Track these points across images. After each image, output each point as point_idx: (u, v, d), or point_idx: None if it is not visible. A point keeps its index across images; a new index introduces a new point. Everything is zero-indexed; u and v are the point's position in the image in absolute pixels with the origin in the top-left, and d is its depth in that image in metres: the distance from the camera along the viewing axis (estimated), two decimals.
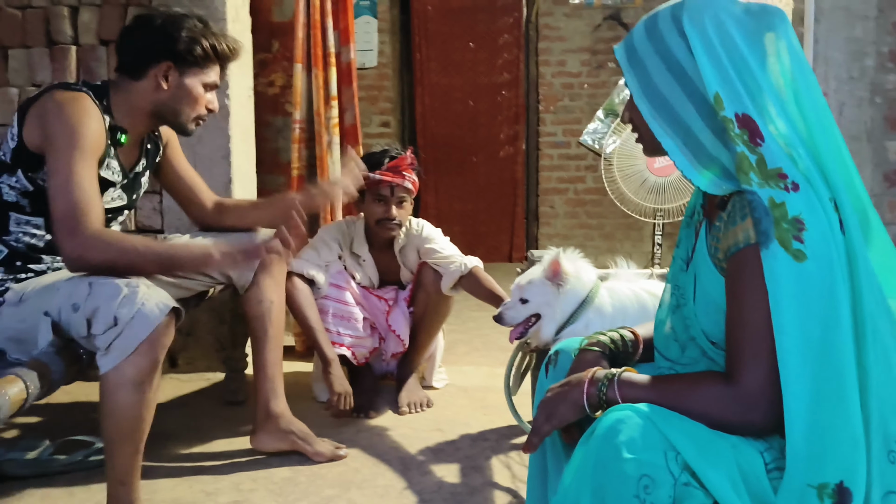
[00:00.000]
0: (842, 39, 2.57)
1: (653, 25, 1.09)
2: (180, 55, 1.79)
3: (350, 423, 2.39)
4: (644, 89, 1.10)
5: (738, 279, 1.05)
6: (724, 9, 1.05)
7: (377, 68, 5.74)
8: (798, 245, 0.98)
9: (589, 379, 1.13)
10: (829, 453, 0.96)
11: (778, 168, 1.01)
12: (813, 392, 0.97)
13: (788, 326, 0.98)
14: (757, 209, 1.01)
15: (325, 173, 2.97)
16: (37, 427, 2.36)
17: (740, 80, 1.02)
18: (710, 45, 1.03)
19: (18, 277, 1.73)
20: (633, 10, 5.53)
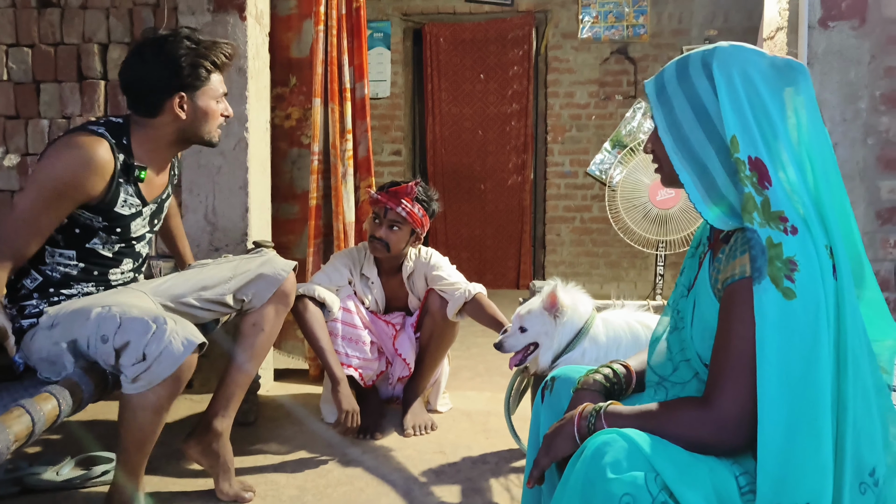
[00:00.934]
0: (835, 83, 2.68)
1: (684, 67, 1.18)
2: (188, 84, 1.87)
3: (356, 444, 2.49)
4: (669, 125, 1.19)
5: (729, 308, 1.13)
6: (752, 61, 1.14)
7: (390, 98, 5.91)
8: (788, 284, 1.06)
9: (579, 414, 1.22)
10: (798, 479, 1.04)
11: (780, 211, 1.08)
12: (787, 421, 1.05)
13: (770, 357, 1.06)
14: (755, 246, 1.09)
15: (340, 203, 3.09)
16: (58, 443, 2.47)
17: (758, 127, 1.11)
18: (735, 92, 1.11)
19: (52, 301, 1.84)
20: (639, 45, 5.68)
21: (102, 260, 1.90)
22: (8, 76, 2.91)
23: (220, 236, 2.86)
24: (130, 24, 2.89)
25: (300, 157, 3.35)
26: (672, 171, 1.21)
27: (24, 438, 1.37)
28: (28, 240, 1.72)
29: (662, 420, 1.15)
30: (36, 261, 1.84)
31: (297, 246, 3.33)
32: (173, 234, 2.33)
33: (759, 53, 1.15)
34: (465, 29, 5.95)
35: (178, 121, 1.89)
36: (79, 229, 1.84)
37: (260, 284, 2.08)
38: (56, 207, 1.74)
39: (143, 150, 1.89)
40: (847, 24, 2.65)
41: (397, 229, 2.63)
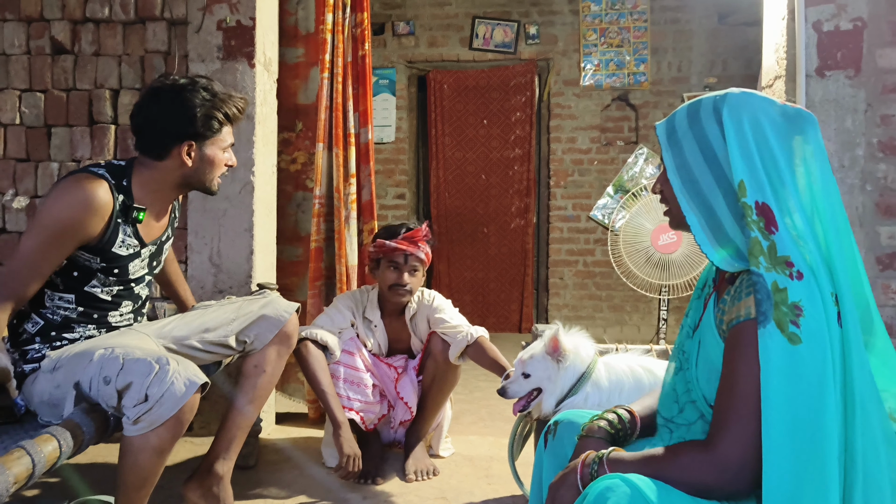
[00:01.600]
0: (833, 130, 2.72)
1: (695, 111, 1.20)
2: (199, 133, 1.91)
3: (357, 489, 2.47)
4: (678, 167, 1.21)
5: (734, 349, 1.14)
6: (762, 109, 1.15)
7: (395, 143, 5.99)
8: (794, 329, 1.06)
9: (581, 462, 1.23)
10: None
11: (787, 256, 1.09)
12: (793, 469, 1.04)
13: (775, 403, 1.05)
14: (760, 290, 1.09)
15: (343, 246, 3.11)
16: (56, 486, 2.44)
17: (765, 173, 1.12)
18: (744, 138, 1.13)
19: (54, 345, 1.85)
20: (640, 92, 5.77)
21: (101, 303, 1.92)
22: (20, 120, 2.97)
23: (224, 278, 2.88)
24: (142, 71, 2.95)
25: (305, 200, 3.39)
26: (680, 212, 1.22)
27: (24, 480, 1.37)
28: (28, 281, 1.74)
29: (665, 464, 1.15)
30: (36, 304, 1.86)
31: (300, 288, 3.35)
32: (171, 279, 2.34)
33: (769, 101, 1.17)
34: (468, 76, 6.06)
35: (183, 167, 1.92)
36: (77, 272, 1.85)
37: (262, 326, 2.09)
38: (57, 248, 1.76)
39: (144, 192, 1.92)
40: (843, 74, 2.70)
41: (418, 273, 2.67)
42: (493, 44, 5.92)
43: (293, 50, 3.36)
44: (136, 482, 1.69)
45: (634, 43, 5.78)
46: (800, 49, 2.71)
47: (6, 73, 2.98)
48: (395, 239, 2.62)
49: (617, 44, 5.79)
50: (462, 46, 5.96)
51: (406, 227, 2.66)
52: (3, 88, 2.98)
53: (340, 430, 2.42)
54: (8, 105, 2.96)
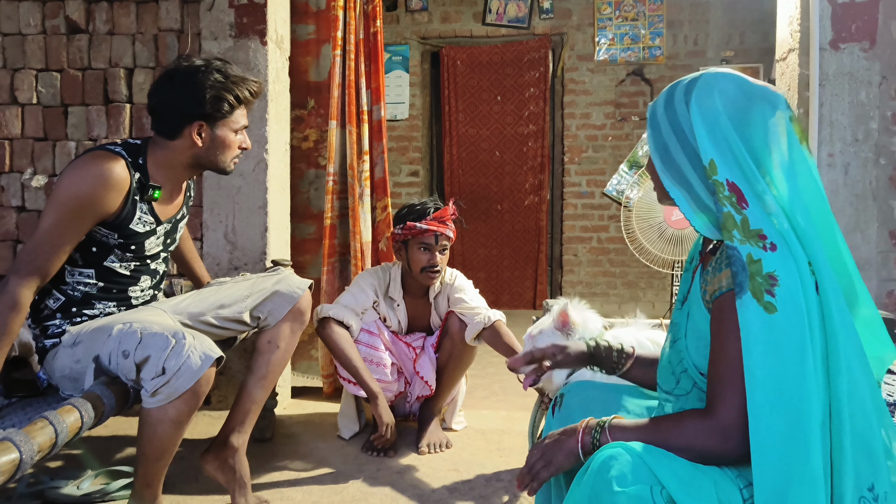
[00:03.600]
0: (846, 104, 2.70)
1: (670, 95, 1.25)
2: (209, 114, 1.93)
3: (372, 461, 2.52)
4: (657, 147, 1.25)
5: (719, 320, 1.18)
6: (730, 89, 1.19)
7: (408, 120, 5.98)
8: (769, 298, 1.10)
9: (583, 428, 1.25)
10: (789, 492, 1.06)
11: (759, 229, 1.13)
12: (777, 433, 1.07)
13: (757, 370, 1.09)
14: (735, 262, 1.13)
15: (357, 223, 3.14)
16: (78, 458, 2.51)
17: (733, 152, 1.16)
18: (712, 119, 1.17)
19: (74, 321, 1.90)
20: (655, 67, 5.72)
21: (120, 278, 1.96)
22: (37, 99, 3.01)
23: (239, 255, 2.92)
24: (155, 49, 2.98)
25: (317, 177, 3.41)
26: (662, 188, 1.27)
27: (47, 449, 1.42)
28: (51, 257, 1.78)
29: (667, 432, 1.17)
30: (57, 281, 1.90)
31: (314, 265, 3.38)
32: (186, 257, 2.38)
33: (738, 81, 1.20)
34: (482, 52, 6.03)
35: (194, 147, 1.95)
36: (95, 247, 1.90)
37: (276, 302, 2.12)
38: (76, 223, 1.79)
39: (159, 171, 1.95)
40: (857, 46, 2.67)
41: (446, 252, 2.70)
42: (507, 18, 5.88)
43: (304, 27, 3.37)
44: (155, 453, 1.74)
45: (650, 16, 5.72)
46: (814, 21, 2.68)
47: (22, 53, 3.01)
48: (424, 220, 2.62)
49: (632, 17, 5.73)
50: (475, 22, 5.93)
51: (434, 207, 2.67)
52: (19, 68, 3.02)
53: (378, 400, 2.52)
54: (25, 85, 3.00)
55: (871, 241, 2.70)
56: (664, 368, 1.36)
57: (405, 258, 2.70)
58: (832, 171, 2.70)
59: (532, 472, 1.27)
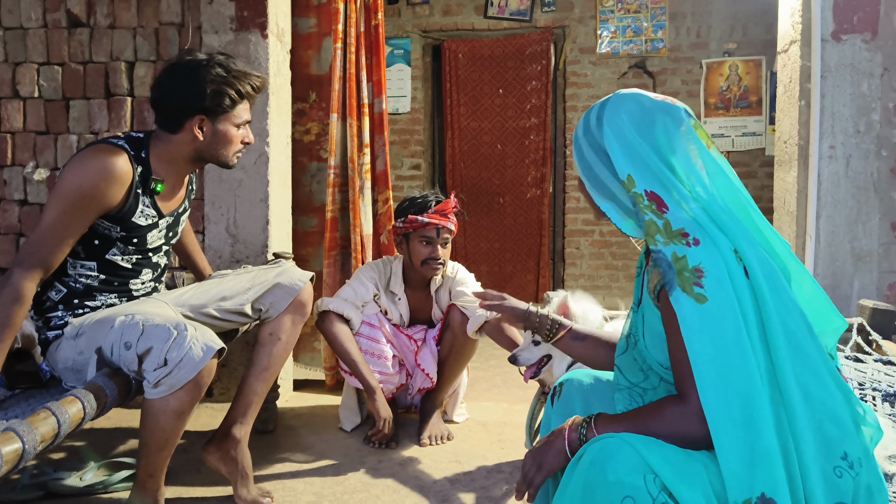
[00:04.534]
0: (848, 95, 2.69)
1: (587, 120, 1.34)
2: (210, 108, 1.93)
3: (374, 453, 2.53)
4: (583, 168, 1.34)
5: (665, 315, 1.24)
6: (633, 108, 1.28)
7: (410, 113, 5.97)
8: (699, 290, 1.16)
9: (569, 427, 1.30)
10: (748, 471, 1.09)
11: (681, 229, 1.20)
12: (727, 415, 1.12)
13: (699, 358, 1.15)
14: (661, 263, 1.20)
15: (358, 216, 3.15)
16: (81, 450, 2.53)
17: (649, 162, 1.24)
18: (623, 137, 1.27)
19: (76, 313, 1.91)
20: (657, 59, 5.70)
21: (122, 271, 1.97)
22: (39, 93, 3.02)
23: (241, 248, 2.93)
24: (156, 43, 2.98)
25: (319, 170, 3.42)
26: (594, 205, 1.36)
27: (50, 439, 1.43)
28: (53, 249, 1.78)
29: (650, 420, 1.22)
30: (59, 273, 1.91)
31: (316, 258, 3.39)
32: (188, 250, 2.39)
33: (638, 101, 1.29)
34: (483, 45, 6.02)
35: (196, 141, 1.95)
36: (98, 240, 1.90)
37: (277, 294, 2.13)
38: (79, 216, 1.80)
39: (161, 164, 1.96)
40: (859, 37, 2.66)
41: (448, 245, 2.70)
42: (509, 11, 5.86)
43: (305, 20, 3.36)
44: (158, 443, 1.76)
45: (652, 8, 5.70)
46: (815, 13, 2.68)
47: (24, 47, 3.02)
48: (426, 213, 2.62)
49: (634, 9, 5.71)
50: (477, 15, 5.91)
51: (436, 200, 2.67)
52: (21, 62, 3.02)
53: (376, 395, 2.53)
54: (26, 78, 3.01)
55: (873, 232, 2.70)
56: (630, 363, 1.39)
57: (407, 251, 2.70)
58: (833, 163, 2.70)
59: (527, 480, 1.31)
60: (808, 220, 2.73)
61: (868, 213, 2.70)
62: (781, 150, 2.99)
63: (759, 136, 5.59)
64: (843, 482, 1.11)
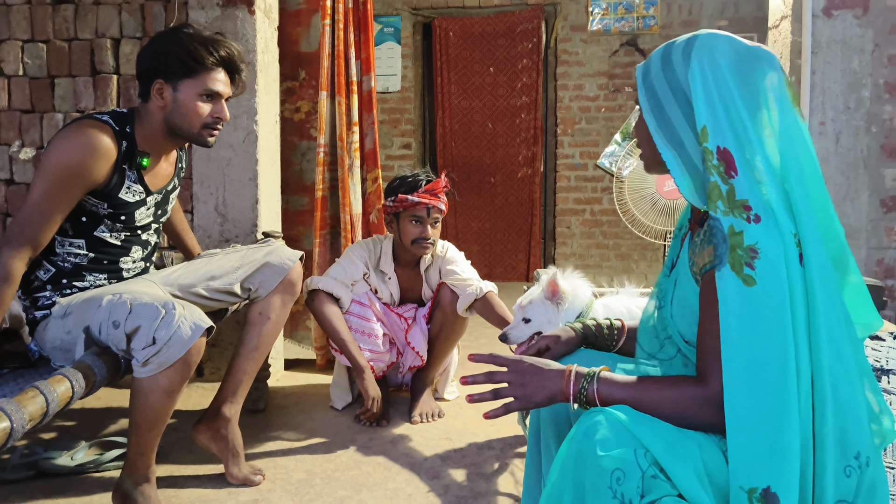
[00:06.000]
0: (839, 71, 2.69)
1: (668, 54, 1.22)
2: (166, 70, 1.90)
3: (364, 431, 2.53)
4: (652, 107, 1.22)
5: (705, 295, 1.17)
6: (725, 51, 1.16)
7: (400, 92, 5.94)
8: (749, 271, 1.08)
9: (572, 376, 1.24)
10: (760, 461, 1.07)
11: (745, 200, 1.10)
12: (752, 407, 1.07)
13: (734, 343, 1.08)
14: (717, 235, 1.12)
15: (347, 194, 3.13)
16: (72, 430, 2.53)
17: (727, 117, 1.13)
18: (707, 83, 1.15)
19: (64, 293, 1.90)
20: (649, 37, 5.67)
21: (111, 248, 1.95)
22: (24, 71, 2.98)
23: (230, 227, 2.92)
24: (142, 20, 2.94)
25: (310, 149, 3.40)
26: (654, 152, 1.24)
27: (38, 418, 1.42)
28: (41, 227, 1.77)
29: (659, 394, 1.17)
30: (48, 252, 1.89)
31: (307, 237, 3.38)
32: (177, 229, 2.37)
33: (732, 42, 1.18)
34: (474, 23, 5.97)
35: (163, 109, 1.93)
36: (85, 217, 1.89)
37: (266, 273, 2.12)
38: (65, 193, 1.78)
39: (144, 138, 1.94)
40: (850, 13, 2.65)
41: (438, 224, 2.68)
42: None
43: None
44: (148, 422, 1.75)
45: None
46: None
47: (7, 24, 2.97)
48: (416, 192, 2.61)
49: None
50: None
51: (426, 179, 2.66)
52: (5, 39, 2.98)
53: (364, 374, 2.53)
54: (11, 56, 2.97)
55: (862, 209, 2.71)
56: (647, 332, 1.37)
57: (397, 230, 2.69)
58: (824, 139, 2.70)
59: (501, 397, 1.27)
60: None
61: (857, 189, 2.70)
62: None
63: None
64: (850, 481, 1.10)
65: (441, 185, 2.64)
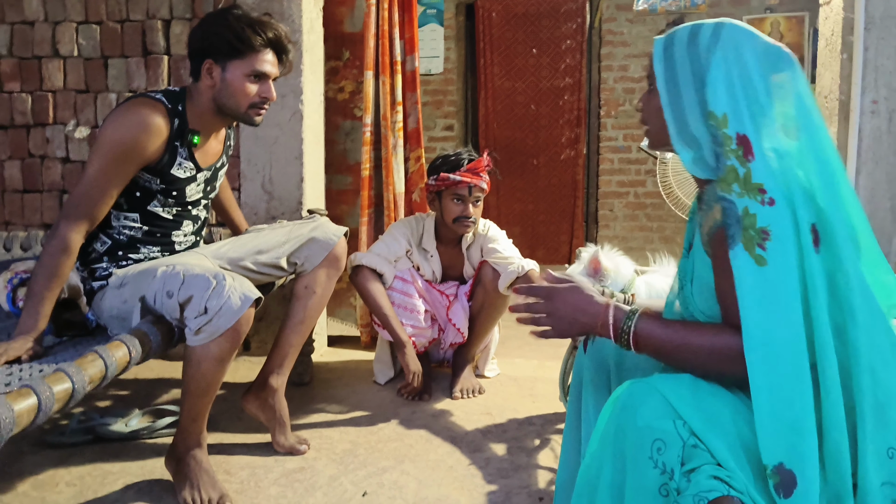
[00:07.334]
0: (892, 48, 2.62)
1: (695, 34, 1.24)
2: (215, 50, 1.94)
3: (407, 404, 2.58)
4: (667, 79, 1.25)
5: (716, 253, 1.21)
6: (749, 43, 1.20)
7: (443, 74, 5.94)
8: (760, 252, 1.12)
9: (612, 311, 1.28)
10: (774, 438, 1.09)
11: (760, 183, 1.14)
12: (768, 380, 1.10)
13: (750, 319, 1.12)
14: (730, 215, 1.16)
15: (391, 173, 3.16)
16: (126, 398, 2.63)
17: (747, 105, 1.17)
18: (730, 70, 1.19)
19: (120, 265, 1.97)
20: (696, 16, 5.57)
21: (164, 222, 2.02)
22: (78, 52, 3.07)
23: (276, 205, 2.97)
24: (191, 1, 3.00)
25: (353, 129, 3.43)
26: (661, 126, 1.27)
27: (98, 381, 1.49)
28: (98, 202, 1.84)
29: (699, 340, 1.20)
30: (104, 225, 1.96)
31: (350, 216, 3.42)
32: (226, 206, 2.43)
33: (755, 36, 1.22)
34: (517, 3, 5.93)
35: (212, 88, 1.97)
36: (139, 192, 1.95)
37: (312, 248, 2.17)
38: (120, 168, 1.85)
39: (195, 116, 1.99)
40: None
41: (480, 203, 2.70)
42: None
43: None
44: (200, 389, 1.82)
45: None
46: None
47: (63, 6, 3.06)
48: (458, 171, 2.63)
49: None
50: None
51: (468, 158, 2.67)
52: (60, 21, 3.07)
53: (405, 349, 2.58)
54: (66, 37, 3.06)
55: None
56: (672, 314, 1.40)
57: (439, 209, 2.72)
58: (875, 118, 2.63)
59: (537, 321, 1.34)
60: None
61: None
62: (821, 106, 2.93)
63: None
64: (893, 463, 1.12)
65: (483, 164, 2.66)
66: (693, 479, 1.08)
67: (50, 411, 1.32)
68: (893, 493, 1.12)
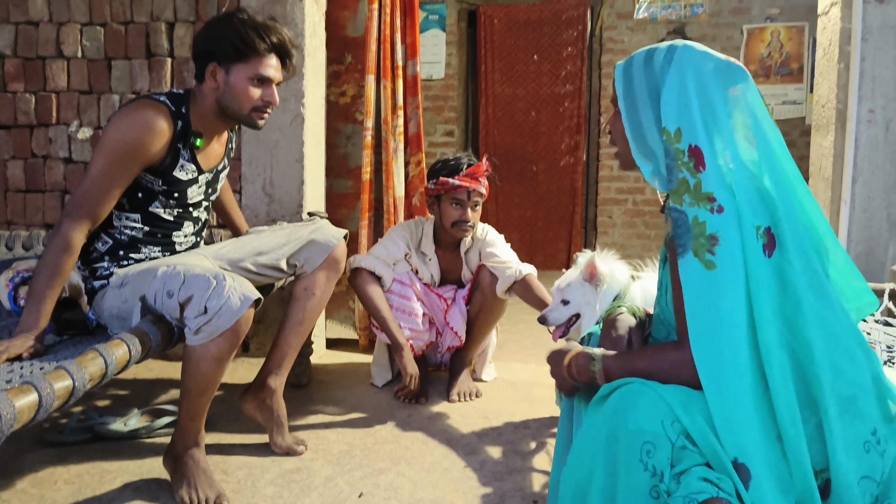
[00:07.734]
0: (890, 58, 2.64)
1: (650, 56, 1.30)
2: (219, 53, 1.95)
3: (404, 407, 2.59)
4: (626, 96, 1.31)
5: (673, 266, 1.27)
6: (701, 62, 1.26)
7: (444, 80, 5.96)
8: (710, 257, 1.19)
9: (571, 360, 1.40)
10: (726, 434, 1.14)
11: (710, 192, 1.20)
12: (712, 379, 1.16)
13: (695, 320, 1.19)
14: (681, 225, 1.22)
15: (391, 178, 3.18)
16: (125, 398, 2.64)
17: (701, 118, 1.23)
18: (683, 87, 1.24)
19: (121, 264, 1.99)
20: (697, 25, 5.60)
21: (165, 223, 2.04)
22: (82, 53, 3.09)
23: (276, 207, 2.99)
24: (195, 4, 3.02)
25: (354, 133, 3.45)
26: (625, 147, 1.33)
27: (98, 378, 1.50)
28: (100, 201, 1.85)
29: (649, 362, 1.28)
30: (106, 225, 1.98)
31: (351, 220, 3.44)
32: (226, 207, 2.45)
33: (707, 55, 1.27)
34: (519, 10, 5.97)
35: (216, 91, 1.98)
36: (141, 193, 1.97)
37: (312, 250, 2.19)
38: (123, 168, 1.86)
39: (198, 118, 2.01)
40: None
41: (478, 207, 2.72)
42: None
43: None
44: (198, 388, 1.83)
45: None
46: None
47: (67, 7, 3.08)
48: (457, 175, 2.65)
49: None
50: None
51: (468, 163, 2.69)
52: (64, 22, 3.09)
53: (403, 352, 2.60)
54: (70, 38, 3.08)
55: None
56: (657, 321, 1.44)
57: (438, 213, 2.73)
58: (872, 127, 2.66)
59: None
60: (843, 186, 2.70)
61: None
62: (819, 115, 2.95)
63: (799, 104, 5.49)
64: (870, 456, 1.16)
65: (482, 168, 2.68)
66: (683, 481, 1.10)
67: (50, 408, 1.33)
68: (873, 487, 1.15)
